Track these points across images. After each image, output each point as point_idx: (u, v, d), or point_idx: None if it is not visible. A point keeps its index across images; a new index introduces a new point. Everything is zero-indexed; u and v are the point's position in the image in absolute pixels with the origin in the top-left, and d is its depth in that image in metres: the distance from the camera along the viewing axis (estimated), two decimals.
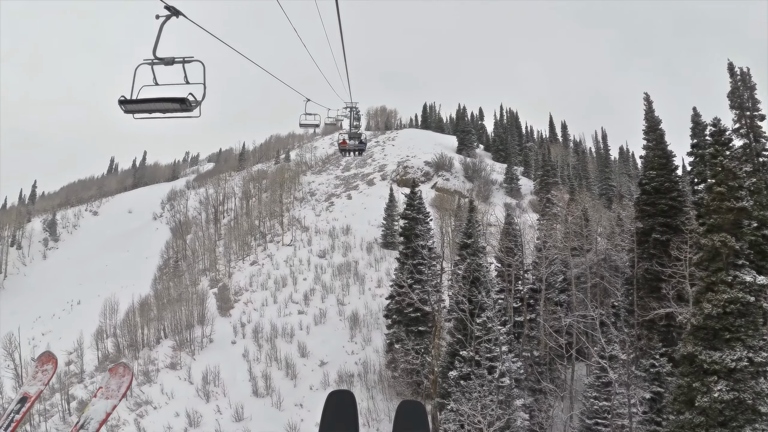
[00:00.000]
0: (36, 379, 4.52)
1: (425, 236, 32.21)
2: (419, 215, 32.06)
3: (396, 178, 72.28)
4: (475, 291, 24.69)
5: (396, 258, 33.80)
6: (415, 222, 31.87)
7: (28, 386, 4.45)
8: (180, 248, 73.42)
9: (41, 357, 4.70)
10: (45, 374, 4.54)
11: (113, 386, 4.37)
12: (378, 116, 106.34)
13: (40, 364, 4.62)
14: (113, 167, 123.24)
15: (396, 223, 56.37)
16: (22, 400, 4.32)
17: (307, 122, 16.41)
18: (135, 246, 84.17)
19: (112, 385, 4.38)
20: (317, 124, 16.89)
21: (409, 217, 32.29)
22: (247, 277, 51.87)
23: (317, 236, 59.63)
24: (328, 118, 17.29)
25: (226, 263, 58.47)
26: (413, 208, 32.37)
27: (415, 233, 31.53)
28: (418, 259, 30.70)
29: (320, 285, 47.44)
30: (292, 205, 75.03)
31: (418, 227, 31.78)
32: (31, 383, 4.48)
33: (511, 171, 71.16)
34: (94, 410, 4.19)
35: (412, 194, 32.97)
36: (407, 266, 30.60)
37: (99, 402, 4.28)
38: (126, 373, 4.50)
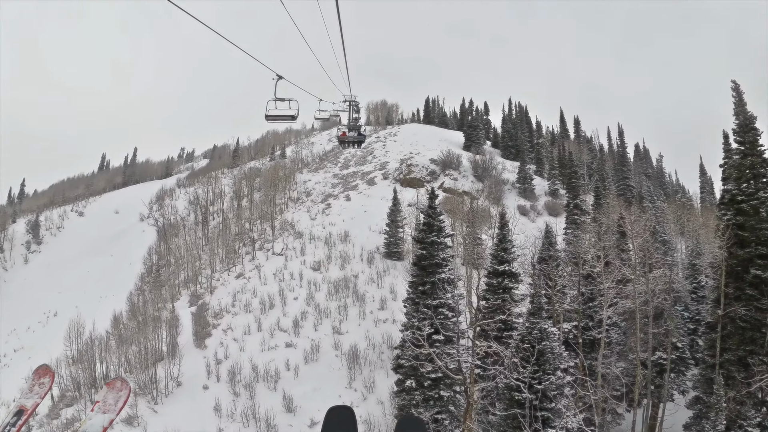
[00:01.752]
0: (32, 392, 4.27)
1: (447, 264, 23.14)
2: (440, 238, 22.97)
3: (399, 177, 63.27)
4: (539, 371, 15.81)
5: (407, 292, 24.78)
6: (434, 248, 22.81)
7: (25, 399, 4.22)
8: (164, 254, 64.57)
9: (38, 370, 4.45)
10: (42, 387, 4.28)
11: (110, 400, 4.03)
12: (378, 111, 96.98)
13: (37, 377, 4.34)
14: (104, 164, 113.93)
15: (401, 230, 47.49)
16: (18, 413, 4.08)
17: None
18: (119, 250, 75.18)
19: (110, 399, 4.05)
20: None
21: (426, 241, 23.17)
22: (231, 294, 42.97)
23: (311, 244, 50.69)
24: (333, 111, 17.20)
25: (209, 275, 49.52)
26: (431, 229, 23.23)
27: (436, 263, 22.48)
28: (438, 298, 21.69)
29: (313, 306, 38.55)
30: (285, 206, 66.02)
31: (438, 254, 22.72)
32: (27, 396, 4.25)
33: (525, 170, 62.15)
34: (90, 424, 3.88)
35: (431, 209, 23.81)
36: (424, 310, 21.58)
37: (96, 416, 3.95)
38: (123, 387, 4.12)
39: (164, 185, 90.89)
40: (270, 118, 11.84)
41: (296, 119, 12.23)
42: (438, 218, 23.48)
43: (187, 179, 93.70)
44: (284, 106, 11.66)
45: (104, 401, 4.08)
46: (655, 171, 79.88)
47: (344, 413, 2.93)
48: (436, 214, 23.43)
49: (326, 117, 17.70)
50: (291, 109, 11.68)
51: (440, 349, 20.53)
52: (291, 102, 11.62)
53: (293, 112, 11.74)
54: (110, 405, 4.05)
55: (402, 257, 47.09)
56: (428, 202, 24.16)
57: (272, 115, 11.79)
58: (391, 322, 36.56)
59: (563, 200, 63.13)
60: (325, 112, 17.07)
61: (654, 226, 49.62)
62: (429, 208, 23.68)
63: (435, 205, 23.83)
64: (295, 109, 11.67)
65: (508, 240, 25.90)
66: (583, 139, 78.34)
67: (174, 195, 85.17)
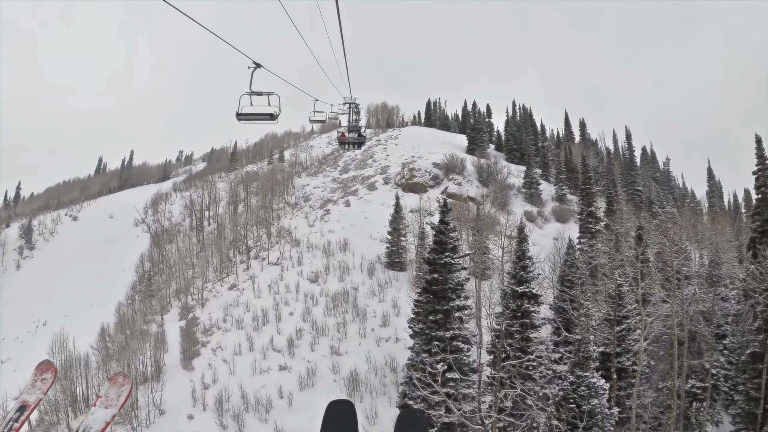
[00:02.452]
0: (35, 388, 4.11)
1: (462, 286, 19.72)
2: (454, 259, 19.55)
3: (401, 181, 59.91)
4: None
5: (413, 312, 21.37)
6: (448, 270, 19.41)
7: (27, 394, 4.05)
8: (157, 261, 61.21)
9: (40, 365, 4.23)
10: (44, 383, 4.13)
11: (112, 395, 3.91)
12: (379, 113, 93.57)
13: (39, 373, 4.18)
14: (101, 167, 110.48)
15: (403, 239, 44.14)
16: (21, 409, 3.94)
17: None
18: (112, 256, 71.82)
19: (112, 394, 3.92)
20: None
21: (438, 262, 19.74)
22: (222, 308, 39.62)
23: (309, 252, 47.32)
24: (331, 113, 16.39)
25: (202, 285, 46.11)
26: (444, 248, 19.79)
27: (450, 287, 19.09)
28: (452, 329, 18.29)
29: (310, 323, 35.17)
30: (283, 211, 62.67)
31: (453, 277, 19.31)
32: (29, 391, 4.08)
33: (531, 174, 58.83)
34: (93, 419, 3.78)
35: (443, 225, 20.38)
36: (436, 344, 18.17)
37: (98, 411, 3.83)
38: (125, 383, 4.01)
39: (160, 189, 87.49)
40: (243, 117, 9.12)
41: (276, 119, 9.10)
42: (451, 234, 20.04)
43: (183, 183, 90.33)
44: (262, 102, 8.99)
45: (106, 396, 3.93)
46: (662, 175, 76.58)
47: (344, 407, 2.81)
48: (449, 230, 20.02)
49: (323, 119, 16.19)
50: (270, 106, 8.90)
51: (455, 390, 17.14)
52: (270, 97, 8.92)
53: (272, 110, 8.93)
54: (112, 400, 3.92)
55: (405, 267, 43.77)
56: (440, 216, 20.67)
57: (246, 114, 9.05)
58: (394, 341, 33.25)
59: (571, 206, 59.89)
60: (321, 114, 15.85)
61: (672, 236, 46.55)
62: (441, 223, 20.25)
63: (448, 220, 20.40)
64: (275, 107, 9.05)
65: (527, 257, 22.56)
66: (588, 142, 75.08)
67: (170, 199, 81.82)
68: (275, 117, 9.03)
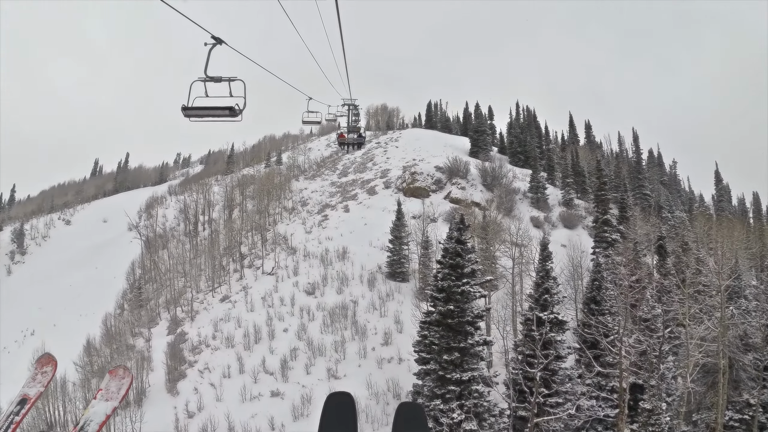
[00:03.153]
0: (36, 381, 4.02)
1: (482, 317, 16.46)
2: (473, 287, 16.29)
3: (402, 186, 56.67)
4: None
5: (417, 342, 18.10)
6: (466, 299, 16.15)
7: (28, 388, 3.96)
8: (149, 268, 57.92)
9: (41, 359, 4.18)
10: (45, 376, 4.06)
11: (113, 388, 3.89)
12: (378, 115, 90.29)
13: (40, 366, 4.10)
14: (97, 169, 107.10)
15: (405, 247, 40.89)
16: (21, 402, 3.85)
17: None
18: (104, 262, 68.46)
19: (112, 387, 3.90)
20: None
21: (454, 291, 16.46)
22: (213, 323, 36.36)
23: (306, 261, 44.05)
24: (328, 114, 15.43)
25: (192, 297, 42.86)
26: (462, 273, 16.51)
27: (468, 320, 15.85)
28: (471, 369, 15.06)
29: (305, 341, 31.91)
30: (279, 216, 59.42)
31: (471, 307, 16.05)
32: (30, 385, 3.99)
33: (537, 178, 55.64)
34: (93, 412, 3.74)
35: (460, 245, 17.11)
36: (452, 388, 14.94)
37: (99, 404, 3.80)
38: (126, 375, 3.97)
39: (155, 192, 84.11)
40: (192, 113, 6.62)
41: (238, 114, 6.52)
42: (469, 255, 16.79)
43: (179, 186, 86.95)
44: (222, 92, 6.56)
45: (107, 389, 3.89)
46: (669, 178, 73.41)
47: (344, 399, 2.77)
48: (466, 251, 16.78)
49: (317, 120, 14.92)
50: (231, 97, 6.51)
51: None
52: (232, 83, 6.52)
53: (233, 102, 6.49)
54: (113, 393, 3.88)
55: (407, 278, 40.54)
56: (456, 234, 17.36)
57: (196, 108, 6.61)
58: (397, 361, 30.02)
59: (579, 211, 56.76)
60: (316, 114, 14.46)
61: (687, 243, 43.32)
62: (457, 242, 16.98)
63: (465, 238, 17.13)
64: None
65: (551, 277, 19.36)
66: (594, 144, 71.96)
67: (164, 203, 78.51)
68: (237, 112, 6.48)
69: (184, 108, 6.48)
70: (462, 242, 17.12)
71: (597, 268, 21.57)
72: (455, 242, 17.32)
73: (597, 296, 21.33)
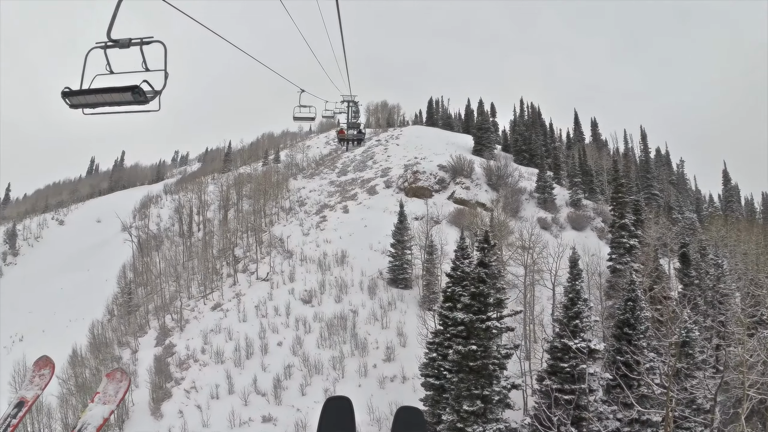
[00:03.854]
0: (33, 384, 3.99)
1: (509, 357, 13.42)
2: (501, 321, 13.25)
3: (404, 185, 53.57)
4: None
5: (424, 365, 15.05)
6: (489, 337, 13.14)
7: (25, 391, 3.95)
8: (141, 271, 54.89)
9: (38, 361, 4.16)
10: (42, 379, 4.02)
11: (110, 391, 3.80)
12: (379, 112, 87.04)
13: (37, 369, 4.08)
14: (93, 168, 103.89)
15: (408, 252, 37.87)
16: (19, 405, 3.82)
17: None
18: (97, 264, 65.34)
19: (110, 390, 3.81)
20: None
21: (477, 327, 13.43)
22: (203, 335, 33.33)
23: (303, 266, 40.98)
24: (326, 110, 15.30)
25: (181, 306, 39.85)
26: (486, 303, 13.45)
27: (493, 362, 12.83)
28: (495, 419, 12.06)
29: (300, 357, 28.91)
30: (276, 217, 56.38)
31: (497, 345, 13.02)
32: (28, 387, 3.97)
33: (544, 177, 52.57)
34: (91, 415, 3.64)
35: (484, 268, 14.08)
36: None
37: (96, 407, 3.71)
38: (123, 378, 3.88)
39: (150, 191, 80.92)
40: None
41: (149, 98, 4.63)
42: (495, 281, 13.75)
43: (176, 185, 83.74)
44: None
45: (104, 392, 3.80)
46: (676, 178, 70.33)
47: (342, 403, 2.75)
48: (491, 276, 13.77)
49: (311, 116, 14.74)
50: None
51: None
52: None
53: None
54: (110, 396, 3.79)
55: (410, 285, 37.54)
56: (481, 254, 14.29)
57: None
58: (401, 380, 27.03)
59: (587, 212, 53.73)
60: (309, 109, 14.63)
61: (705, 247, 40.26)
62: (481, 266, 13.92)
63: (490, 261, 14.11)
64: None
65: (582, 299, 16.34)
66: (601, 143, 68.87)
67: (159, 202, 75.39)
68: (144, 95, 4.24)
69: (66, 93, 4.29)
70: (486, 265, 14.12)
71: (631, 286, 18.42)
72: (478, 265, 14.29)
73: (631, 318, 18.28)
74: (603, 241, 52.03)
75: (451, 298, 20.32)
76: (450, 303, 20.27)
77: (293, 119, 13.55)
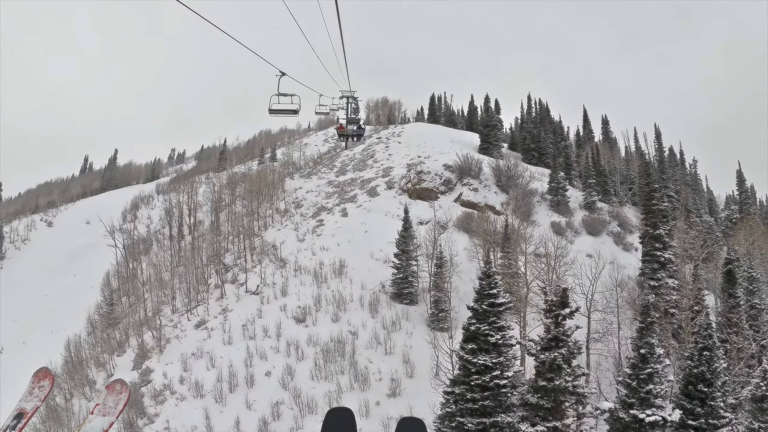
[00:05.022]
0: (32, 395, 3.86)
1: None
2: None
3: (407, 186, 48.84)
4: None
5: (440, 417, 10.41)
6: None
7: (24, 402, 3.81)
8: (127, 278, 50.31)
9: (37, 373, 4.04)
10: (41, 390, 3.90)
11: (110, 403, 3.69)
12: (379, 109, 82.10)
13: (37, 380, 3.93)
14: (87, 167, 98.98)
15: (414, 263, 33.23)
16: (18, 416, 3.71)
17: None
18: (84, 269, 60.62)
19: (109, 402, 3.70)
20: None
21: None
22: (182, 360, 28.73)
23: (296, 278, 36.30)
24: (320, 106, 14.72)
25: (160, 322, 35.22)
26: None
27: None
28: None
29: (291, 392, 24.28)
30: (271, 219, 51.71)
31: None
32: (27, 399, 3.83)
33: (557, 178, 47.90)
34: (90, 427, 3.57)
35: (559, 334, 9.49)
36: None
37: (96, 419, 3.61)
38: (123, 390, 3.79)
39: (142, 191, 76.09)
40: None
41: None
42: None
43: (169, 184, 78.82)
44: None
45: (104, 404, 3.71)
46: (690, 178, 65.63)
47: (344, 414, 2.73)
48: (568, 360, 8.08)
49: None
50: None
51: None
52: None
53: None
54: (110, 408, 3.70)
55: (416, 300, 32.93)
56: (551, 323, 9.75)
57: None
58: None
59: (602, 215, 49.12)
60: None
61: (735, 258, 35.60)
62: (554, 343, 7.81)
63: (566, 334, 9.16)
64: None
65: (655, 356, 11.66)
66: (613, 141, 64.13)
67: (150, 203, 70.67)
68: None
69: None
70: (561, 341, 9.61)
71: (706, 329, 13.65)
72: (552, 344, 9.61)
73: (707, 372, 13.62)
74: (620, 246, 47.52)
75: (475, 337, 15.76)
76: (473, 344, 15.73)
77: (269, 112, 11.32)
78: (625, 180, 58.54)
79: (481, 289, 16.34)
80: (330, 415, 2.72)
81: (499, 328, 15.94)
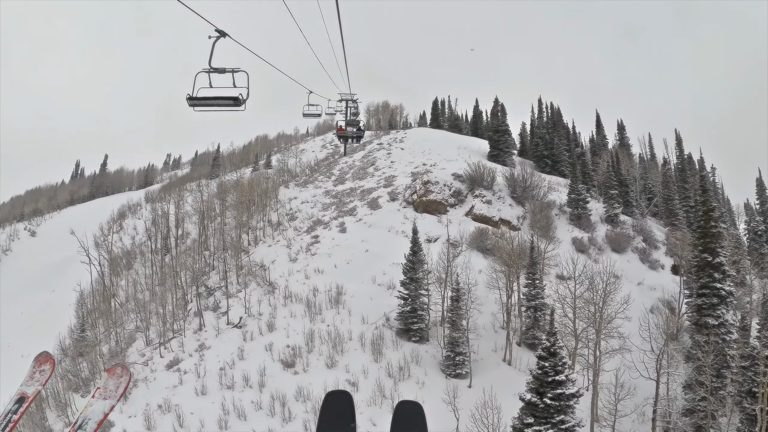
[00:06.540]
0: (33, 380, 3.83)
1: None
2: None
3: (412, 198, 43.02)
4: None
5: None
6: None
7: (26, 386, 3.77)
8: (102, 299, 44.48)
9: (38, 357, 3.97)
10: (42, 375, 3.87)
11: (111, 387, 3.61)
12: (380, 113, 76.29)
13: (38, 365, 3.91)
14: (78, 172, 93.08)
15: (424, 293, 27.40)
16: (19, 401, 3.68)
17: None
18: (64, 283, 54.39)
19: (110, 385, 3.62)
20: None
21: None
22: (146, 415, 22.93)
23: (286, 307, 30.39)
24: (328, 108, 14.29)
25: (139, 350, 29.44)
26: None
27: None
28: None
29: None
30: (262, 233, 45.88)
31: None
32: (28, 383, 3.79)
33: (577, 189, 42.16)
34: (91, 410, 3.49)
35: None
36: None
37: (97, 402, 3.54)
38: (124, 374, 3.70)
39: (130, 199, 70.10)
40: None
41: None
42: None
43: (160, 192, 72.78)
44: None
45: (105, 387, 3.62)
46: (711, 188, 59.86)
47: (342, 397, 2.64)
48: None
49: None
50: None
51: None
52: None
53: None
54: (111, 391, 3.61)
55: (426, 336, 27.09)
56: None
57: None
58: None
59: (626, 229, 43.42)
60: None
61: None
62: None
63: None
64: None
65: None
66: (627, 148, 58.47)
67: (138, 212, 64.74)
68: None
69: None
70: None
71: None
72: None
73: None
74: (646, 264, 41.87)
75: None
76: None
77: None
78: (644, 190, 52.97)
79: (543, 373, 10.52)
80: (328, 399, 2.59)
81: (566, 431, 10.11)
